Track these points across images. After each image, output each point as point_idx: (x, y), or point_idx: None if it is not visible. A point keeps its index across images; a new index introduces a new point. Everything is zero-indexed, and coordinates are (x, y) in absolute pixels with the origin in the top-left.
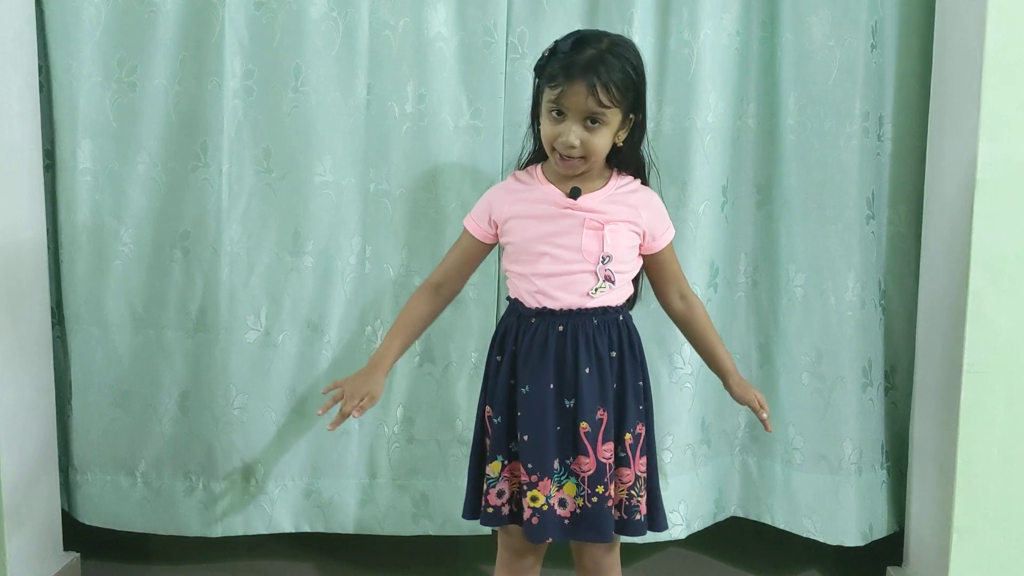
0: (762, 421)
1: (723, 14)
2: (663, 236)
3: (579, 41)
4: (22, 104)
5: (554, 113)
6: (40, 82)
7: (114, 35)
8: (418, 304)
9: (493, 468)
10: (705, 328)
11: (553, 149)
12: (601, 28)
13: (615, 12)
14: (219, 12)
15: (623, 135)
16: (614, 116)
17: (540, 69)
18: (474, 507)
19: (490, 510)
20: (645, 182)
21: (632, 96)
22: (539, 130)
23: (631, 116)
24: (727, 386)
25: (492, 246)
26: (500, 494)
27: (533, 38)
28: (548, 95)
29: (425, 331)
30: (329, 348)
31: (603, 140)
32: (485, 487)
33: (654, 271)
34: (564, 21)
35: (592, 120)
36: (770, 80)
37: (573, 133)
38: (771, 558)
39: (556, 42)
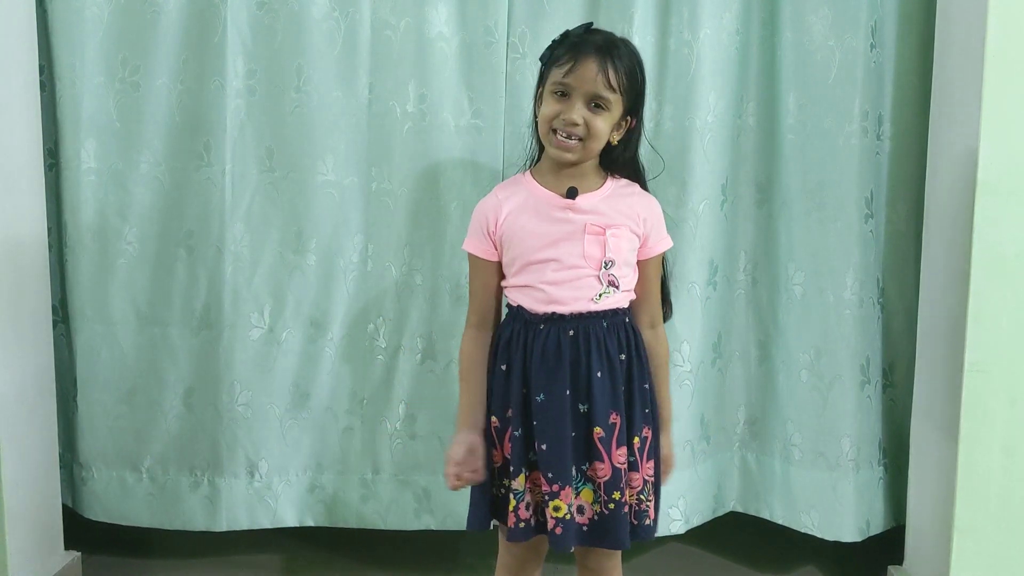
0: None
1: (723, 14)
2: (658, 244)
3: (591, 28)
4: (24, 103)
5: (558, 93)
6: (43, 82)
7: (117, 35)
8: (471, 350)
9: (520, 482)
10: (660, 370)
11: (551, 131)
12: (601, 28)
13: (615, 12)
14: (221, 12)
15: (617, 135)
16: (616, 105)
17: (548, 54)
18: (483, 518)
19: (522, 524)
20: (644, 187)
21: (633, 94)
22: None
23: (628, 118)
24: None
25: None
26: (527, 507)
27: (534, 38)
28: (554, 76)
29: (429, 331)
30: (332, 345)
31: (605, 126)
32: (514, 502)
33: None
34: (564, 21)
35: (596, 104)
36: (770, 79)
37: (576, 111)
38: (770, 554)
39: (567, 30)
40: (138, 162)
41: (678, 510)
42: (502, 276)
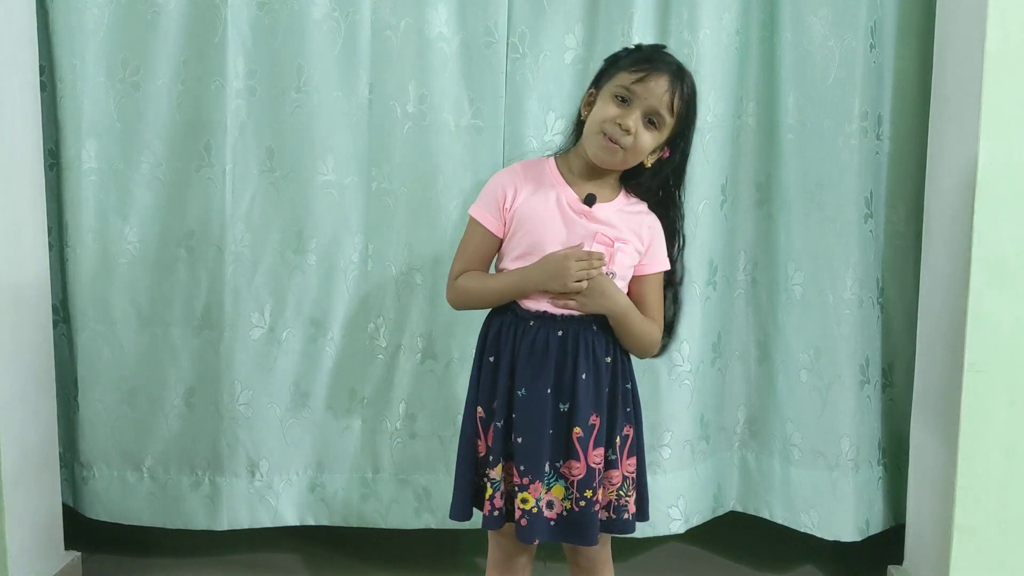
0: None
1: (723, 14)
2: (653, 263)
3: (664, 48)
4: (24, 103)
5: (619, 97)
6: (44, 82)
7: (117, 36)
8: (467, 278)
9: (497, 471)
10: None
11: (599, 133)
12: (601, 28)
13: (615, 12)
14: (221, 12)
15: (650, 158)
16: (667, 130)
17: (619, 58)
18: (464, 508)
19: (496, 513)
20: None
21: (683, 123)
22: (582, 121)
23: (666, 146)
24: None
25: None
26: (503, 496)
27: (534, 38)
28: (622, 79)
29: (430, 330)
30: (332, 345)
31: (649, 144)
32: (490, 491)
33: (632, 299)
34: (564, 21)
35: (651, 120)
36: (769, 79)
37: (633, 119)
38: (770, 553)
39: (639, 43)
40: (139, 162)
41: (678, 510)
42: (498, 250)
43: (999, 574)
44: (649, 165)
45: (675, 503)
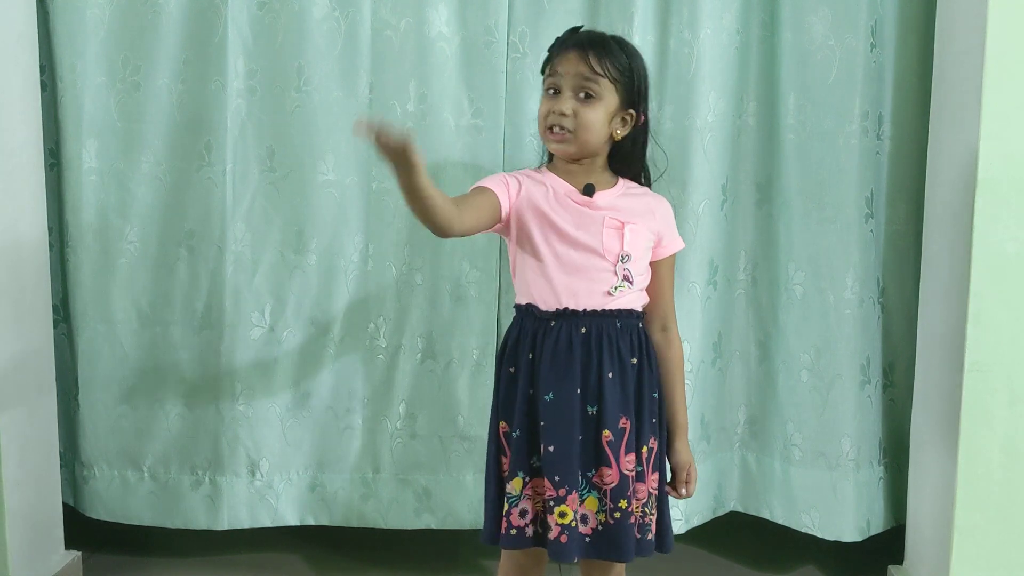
0: (675, 492)
1: (723, 14)
2: (671, 244)
3: (577, 29)
4: (24, 103)
5: (550, 91)
6: (44, 82)
7: (118, 35)
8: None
9: (514, 485)
10: (673, 373)
11: (546, 129)
12: (601, 28)
13: (615, 12)
14: (222, 12)
15: (621, 130)
16: (608, 92)
17: (543, 64)
18: (496, 531)
19: (513, 531)
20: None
21: (628, 82)
22: None
23: (631, 111)
24: (670, 445)
25: (497, 221)
26: (523, 513)
27: (534, 38)
28: (545, 77)
29: (429, 330)
30: (332, 345)
31: (596, 116)
32: (507, 506)
33: (650, 284)
34: (565, 21)
35: (586, 94)
36: (770, 79)
37: (566, 103)
38: (770, 554)
39: (557, 37)
40: (139, 162)
41: (678, 510)
42: (496, 222)
43: (999, 574)
44: (620, 138)
45: (676, 503)
